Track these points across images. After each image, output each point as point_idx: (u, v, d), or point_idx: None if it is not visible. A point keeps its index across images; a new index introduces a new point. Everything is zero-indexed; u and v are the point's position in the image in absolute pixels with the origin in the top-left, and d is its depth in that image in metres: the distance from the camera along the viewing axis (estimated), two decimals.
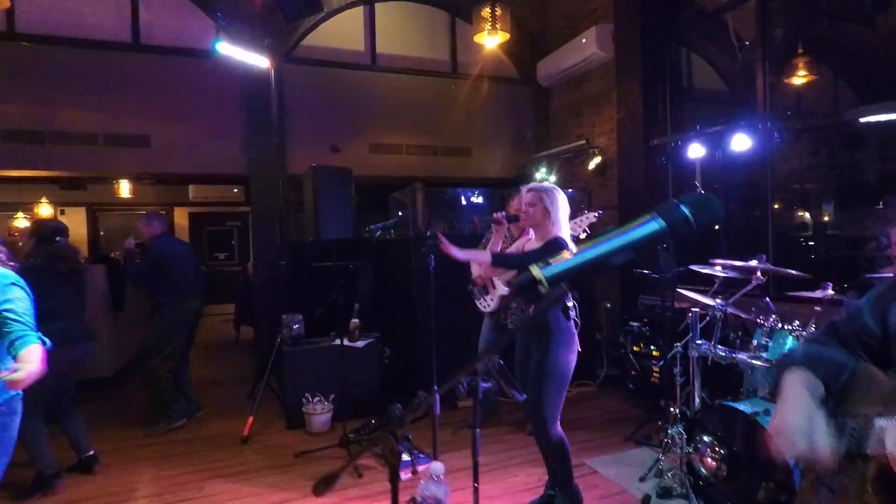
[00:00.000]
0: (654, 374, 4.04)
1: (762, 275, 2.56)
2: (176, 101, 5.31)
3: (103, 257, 6.56)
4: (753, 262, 2.57)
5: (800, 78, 5.81)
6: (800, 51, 5.85)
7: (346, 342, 3.73)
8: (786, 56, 5.95)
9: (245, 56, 4.34)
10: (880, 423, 0.80)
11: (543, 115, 6.66)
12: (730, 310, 2.64)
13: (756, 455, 2.23)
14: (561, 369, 2.43)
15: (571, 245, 2.48)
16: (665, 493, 2.68)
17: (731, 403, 2.39)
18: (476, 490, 1.68)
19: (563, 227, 2.51)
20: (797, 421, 0.86)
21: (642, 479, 2.87)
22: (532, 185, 2.59)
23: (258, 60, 4.40)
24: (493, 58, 6.50)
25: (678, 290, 3.14)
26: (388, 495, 1.30)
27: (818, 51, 6.09)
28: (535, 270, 0.71)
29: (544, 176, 6.05)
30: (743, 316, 2.74)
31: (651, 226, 0.67)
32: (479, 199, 5.97)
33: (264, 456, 3.47)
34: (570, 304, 2.50)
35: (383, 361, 4.38)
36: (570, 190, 5.77)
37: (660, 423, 3.28)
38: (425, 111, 6.34)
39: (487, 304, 3.60)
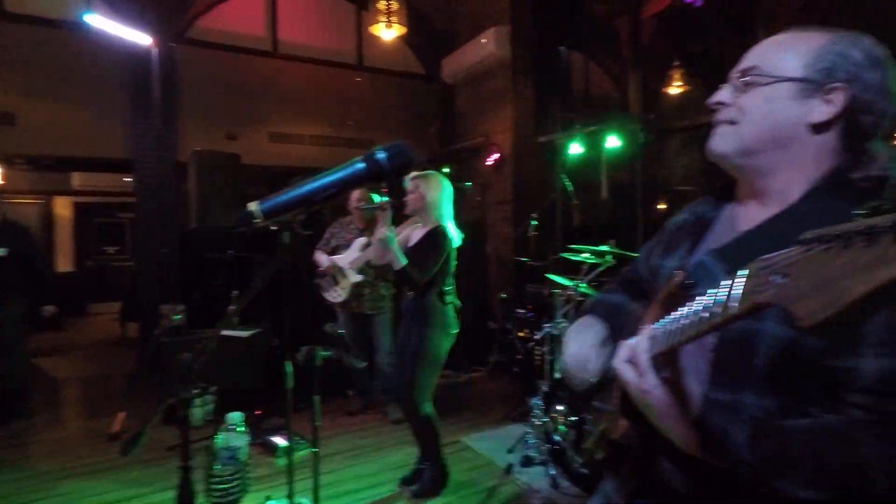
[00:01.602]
0: (537, 357, 4.28)
1: (612, 258, 2.82)
2: (48, 78, 4.88)
3: None
4: (604, 248, 2.82)
5: (675, 88, 6.40)
6: (675, 63, 6.45)
7: (227, 332, 3.64)
8: (664, 66, 6.53)
9: (122, 31, 4.09)
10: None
11: (448, 112, 6.82)
12: (582, 290, 2.88)
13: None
14: (434, 352, 2.53)
15: (455, 232, 2.59)
16: (527, 461, 2.88)
17: None
18: (317, 454, 1.74)
19: (445, 212, 2.59)
20: (572, 353, 1.00)
21: (510, 451, 3.05)
22: (414, 171, 2.66)
23: (138, 37, 4.16)
24: (400, 53, 6.58)
25: (547, 276, 3.37)
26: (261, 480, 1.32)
27: (693, 63, 6.73)
28: (252, 205, 0.77)
29: (447, 170, 6.20)
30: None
31: (353, 167, 0.76)
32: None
33: (133, 451, 3.30)
34: (447, 288, 2.61)
35: (273, 349, 4.30)
36: (468, 183, 5.98)
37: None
38: (329, 102, 6.29)
39: (337, 294, 3.58)
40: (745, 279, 0.53)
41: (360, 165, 0.76)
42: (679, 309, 0.66)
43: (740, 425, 0.67)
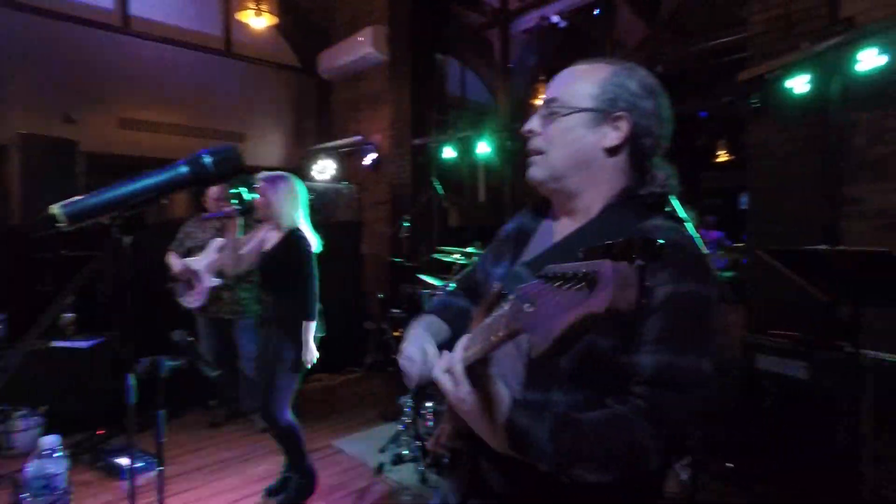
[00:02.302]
0: None
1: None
2: None
3: None
4: (471, 249, 2.97)
5: (540, 100, 6.90)
6: (541, 77, 6.95)
7: (60, 343, 3.20)
8: (532, 80, 7.01)
9: None
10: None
11: (325, 108, 6.65)
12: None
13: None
14: (296, 358, 2.43)
15: (312, 235, 2.50)
16: (398, 460, 2.92)
17: None
18: (161, 473, 1.61)
19: (298, 215, 2.49)
20: (411, 350, 0.98)
21: (382, 451, 3.07)
22: (263, 174, 2.53)
23: None
24: (273, 42, 6.27)
25: (419, 276, 3.46)
26: None
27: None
28: (55, 207, 0.70)
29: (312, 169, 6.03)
30: None
31: (176, 171, 0.73)
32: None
33: None
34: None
35: (119, 364, 3.88)
36: (344, 183, 5.90)
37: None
38: (193, 89, 5.79)
39: (193, 300, 3.37)
40: (510, 304, 0.58)
41: (184, 169, 0.73)
42: (486, 321, 0.70)
43: (542, 422, 0.73)
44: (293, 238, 2.43)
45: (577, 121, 0.89)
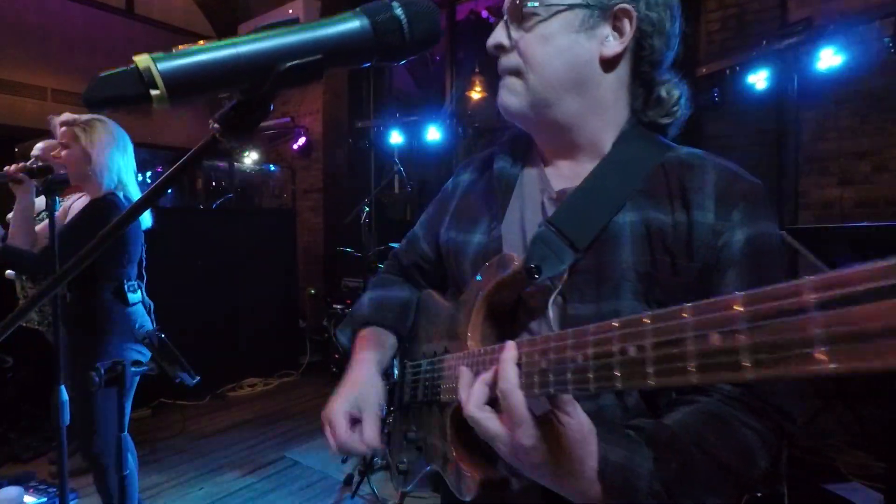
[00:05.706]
0: None
1: None
2: None
3: None
4: None
5: (477, 93, 6.84)
6: (476, 70, 6.89)
7: None
8: (470, 73, 6.93)
9: None
10: (449, 362, 0.70)
11: None
12: None
13: None
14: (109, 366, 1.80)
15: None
16: (367, 468, 2.63)
17: None
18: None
19: (119, 177, 1.85)
20: (333, 411, 0.71)
21: (344, 461, 2.75)
22: (66, 116, 1.86)
23: None
24: (184, 7, 5.56)
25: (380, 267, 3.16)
26: None
27: (490, 73, 7.29)
28: (143, 59, 0.35)
29: (245, 152, 5.45)
30: None
31: (351, 23, 0.40)
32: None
33: None
34: (130, 283, 1.90)
35: (4, 374, 3.16)
36: (271, 167, 5.39)
37: None
38: (86, 51, 4.93)
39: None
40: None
41: (363, 22, 0.39)
42: (558, 327, 0.51)
43: (637, 451, 0.53)
44: (101, 205, 1.78)
45: (563, 24, 0.63)
